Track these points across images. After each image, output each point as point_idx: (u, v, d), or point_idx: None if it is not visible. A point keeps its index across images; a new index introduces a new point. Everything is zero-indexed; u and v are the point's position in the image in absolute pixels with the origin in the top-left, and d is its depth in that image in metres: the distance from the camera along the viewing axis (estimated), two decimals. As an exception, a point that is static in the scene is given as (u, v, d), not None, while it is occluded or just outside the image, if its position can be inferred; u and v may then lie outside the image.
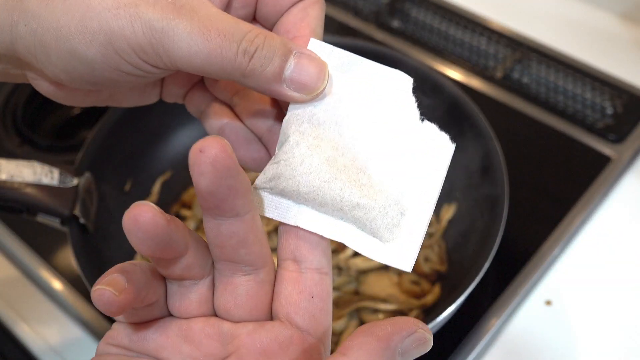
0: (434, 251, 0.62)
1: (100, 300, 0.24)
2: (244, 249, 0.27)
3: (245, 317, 0.28)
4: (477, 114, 0.60)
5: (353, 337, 0.25)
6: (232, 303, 0.28)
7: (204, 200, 0.25)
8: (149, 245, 0.24)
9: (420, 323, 0.25)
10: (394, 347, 0.24)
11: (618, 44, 0.87)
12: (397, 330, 0.25)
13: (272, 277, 0.29)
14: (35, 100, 0.84)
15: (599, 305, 0.62)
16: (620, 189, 0.71)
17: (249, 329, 0.28)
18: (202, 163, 0.23)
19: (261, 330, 0.28)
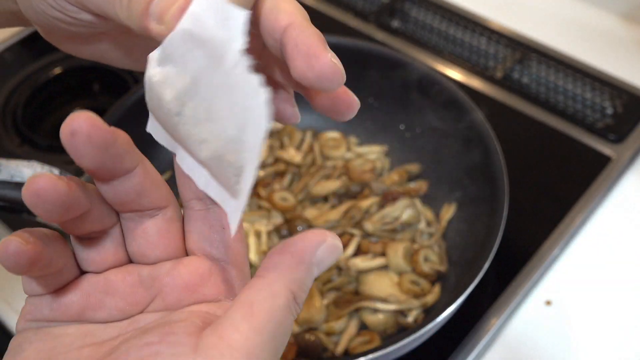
0: (434, 251, 0.62)
1: (6, 253, 0.23)
2: (145, 198, 0.27)
3: (162, 256, 0.28)
4: (477, 114, 0.60)
5: (268, 259, 0.25)
6: (145, 245, 0.28)
7: (92, 175, 0.25)
8: (56, 213, 0.24)
9: (328, 232, 0.26)
10: (309, 260, 0.25)
11: (618, 44, 0.87)
12: (308, 244, 0.25)
13: (179, 214, 0.29)
14: (35, 100, 0.84)
15: (599, 305, 0.62)
16: (620, 189, 0.71)
17: (167, 267, 0.28)
18: (78, 146, 0.23)
19: (180, 267, 0.28)
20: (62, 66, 0.87)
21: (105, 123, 0.24)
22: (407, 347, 0.51)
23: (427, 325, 0.48)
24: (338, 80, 0.27)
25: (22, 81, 0.85)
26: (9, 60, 0.91)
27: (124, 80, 0.84)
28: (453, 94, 0.62)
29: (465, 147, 0.63)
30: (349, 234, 0.64)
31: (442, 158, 0.67)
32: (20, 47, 0.92)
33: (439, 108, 0.65)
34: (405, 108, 0.69)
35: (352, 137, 0.73)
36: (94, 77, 0.87)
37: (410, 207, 0.64)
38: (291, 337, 0.57)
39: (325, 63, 0.25)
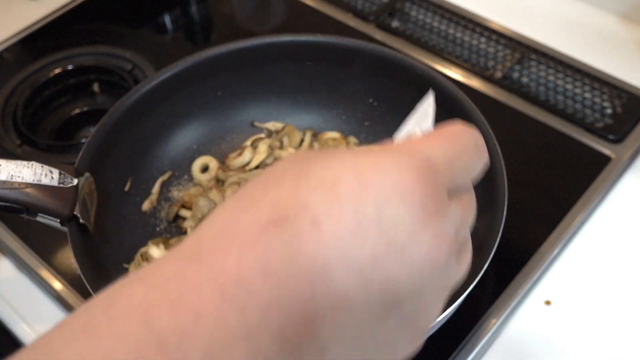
0: (434, 251, 0.62)
1: None
2: None
3: None
4: (476, 114, 0.60)
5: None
6: None
7: None
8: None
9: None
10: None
11: (618, 44, 0.87)
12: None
13: None
14: (35, 100, 0.84)
15: (599, 305, 0.62)
16: (620, 189, 0.71)
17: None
18: None
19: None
20: (62, 66, 0.87)
21: None
22: (407, 347, 0.51)
23: (426, 325, 0.48)
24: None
25: (22, 81, 0.85)
26: (9, 60, 0.91)
27: (124, 80, 0.84)
28: (453, 94, 0.62)
29: (465, 147, 0.63)
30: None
31: (442, 158, 0.67)
32: (20, 47, 0.92)
33: (438, 108, 0.65)
34: (405, 108, 0.69)
35: (352, 137, 0.73)
36: (94, 77, 0.87)
37: (410, 207, 0.64)
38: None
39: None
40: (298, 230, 0.23)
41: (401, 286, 0.24)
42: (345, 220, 0.23)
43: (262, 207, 0.24)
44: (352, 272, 0.23)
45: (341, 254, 0.23)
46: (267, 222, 0.23)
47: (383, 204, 0.24)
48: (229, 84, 0.71)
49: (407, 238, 0.24)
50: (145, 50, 0.88)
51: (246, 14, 0.99)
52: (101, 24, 0.96)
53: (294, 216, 0.23)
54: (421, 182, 0.25)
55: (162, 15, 0.96)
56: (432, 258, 0.25)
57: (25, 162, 0.51)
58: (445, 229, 0.25)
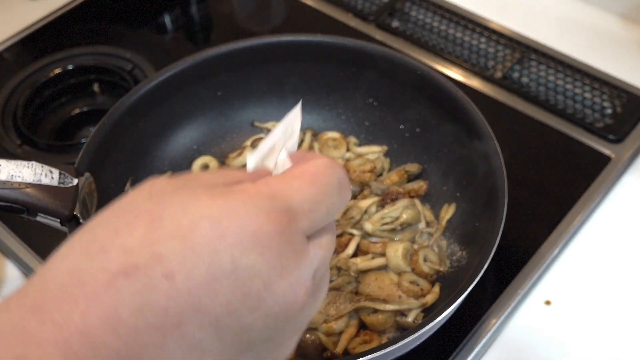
0: (434, 251, 0.63)
1: None
2: None
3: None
4: (477, 114, 0.60)
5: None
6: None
7: None
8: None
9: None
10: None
11: (618, 44, 0.87)
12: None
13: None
14: (35, 100, 0.84)
15: (598, 305, 0.62)
16: (620, 189, 0.71)
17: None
18: None
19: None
20: (62, 66, 0.87)
21: None
22: (407, 347, 0.51)
23: (426, 325, 0.48)
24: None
25: (22, 81, 0.85)
26: (9, 60, 0.91)
27: (124, 80, 0.84)
28: (453, 94, 0.62)
29: (465, 147, 0.63)
30: (348, 234, 0.64)
31: (442, 158, 0.67)
32: (20, 47, 0.92)
33: (438, 108, 0.65)
34: (405, 108, 0.69)
35: (351, 137, 0.73)
36: (94, 77, 0.87)
37: (410, 207, 0.64)
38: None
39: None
40: (150, 282, 0.22)
41: (255, 333, 0.25)
42: (200, 272, 0.23)
43: (112, 254, 0.23)
44: (205, 324, 0.23)
45: (194, 306, 0.23)
46: (116, 272, 0.22)
47: (239, 255, 0.24)
48: (229, 84, 0.71)
49: (263, 288, 0.24)
50: (145, 50, 0.88)
51: (246, 14, 0.99)
52: (101, 24, 0.96)
53: (146, 266, 0.23)
54: (279, 231, 0.25)
55: (162, 15, 0.96)
56: (288, 306, 0.25)
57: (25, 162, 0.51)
58: (302, 276, 0.26)
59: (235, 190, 0.26)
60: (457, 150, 0.65)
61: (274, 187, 0.26)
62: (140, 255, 0.23)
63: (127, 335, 0.22)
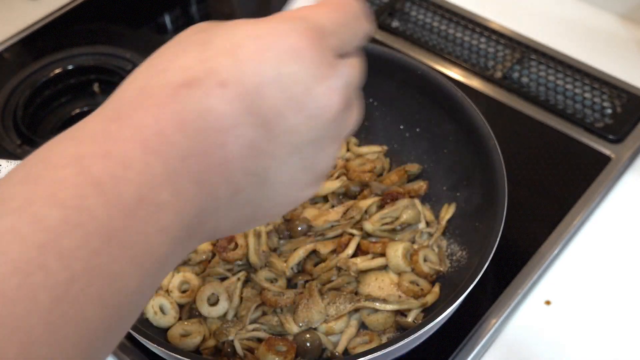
0: (434, 251, 0.63)
1: None
2: None
3: None
4: (477, 114, 0.60)
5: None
6: None
7: None
8: None
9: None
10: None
11: (618, 44, 0.87)
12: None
13: None
14: (35, 100, 0.84)
15: (598, 305, 0.62)
16: (620, 189, 0.71)
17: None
18: None
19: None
20: (62, 66, 0.87)
21: None
22: (407, 347, 0.51)
23: (426, 325, 0.48)
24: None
25: (22, 81, 0.85)
26: (9, 60, 0.91)
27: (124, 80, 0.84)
28: (452, 94, 0.62)
29: (465, 147, 0.63)
30: (348, 234, 0.64)
31: (442, 158, 0.67)
32: (20, 47, 0.92)
33: (438, 108, 0.65)
34: (405, 108, 0.69)
35: (351, 137, 0.73)
36: (94, 77, 0.87)
37: (410, 207, 0.64)
38: (291, 337, 0.57)
39: None
40: (207, 90, 0.26)
41: (300, 135, 0.29)
42: (248, 80, 0.27)
43: (174, 71, 0.27)
44: (257, 125, 0.27)
45: (246, 109, 0.27)
46: (179, 84, 0.26)
47: (281, 64, 0.27)
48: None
49: (304, 92, 0.28)
50: (145, 50, 0.88)
51: (246, 14, 0.99)
52: (101, 24, 0.96)
53: (203, 78, 0.26)
54: (313, 44, 0.28)
55: (162, 15, 0.96)
56: (326, 109, 0.29)
57: (25, 162, 0.51)
58: (337, 84, 0.29)
59: (274, 17, 0.29)
60: (457, 150, 0.65)
61: (305, 12, 0.30)
62: (197, 69, 0.27)
63: (193, 135, 0.26)
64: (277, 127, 0.28)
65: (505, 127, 0.74)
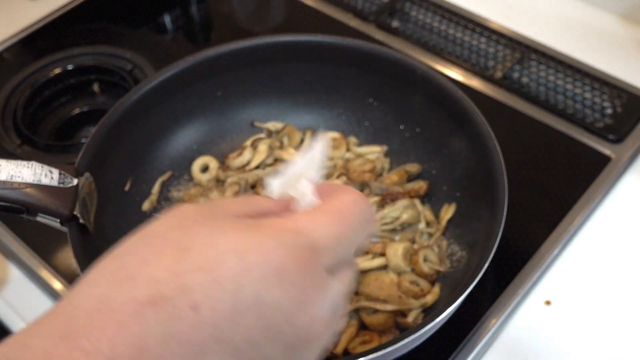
0: (434, 251, 0.62)
1: None
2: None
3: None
4: (477, 114, 0.60)
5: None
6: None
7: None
8: None
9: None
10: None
11: (618, 44, 0.87)
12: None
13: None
14: (35, 100, 0.84)
15: (599, 305, 0.62)
16: (620, 189, 0.71)
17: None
18: None
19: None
20: (62, 66, 0.87)
21: None
22: (407, 347, 0.51)
23: (426, 325, 0.48)
24: None
25: (22, 81, 0.85)
26: (9, 60, 0.91)
27: (124, 80, 0.84)
28: (453, 94, 0.62)
29: (465, 147, 0.63)
30: (348, 234, 0.64)
31: (442, 158, 0.67)
32: (20, 47, 0.92)
33: (438, 108, 0.65)
34: (406, 108, 0.69)
35: (352, 137, 0.73)
36: (94, 77, 0.87)
37: (410, 207, 0.64)
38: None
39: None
40: (176, 312, 0.23)
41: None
42: (224, 305, 0.24)
43: (140, 283, 0.24)
44: (227, 354, 0.24)
45: (217, 337, 0.24)
46: (144, 301, 0.23)
47: (262, 290, 0.25)
48: (229, 84, 0.71)
49: (284, 321, 0.25)
50: (145, 50, 0.88)
51: (246, 14, 0.99)
52: (101, 24, 0.96)
53: (172, 297, 0.23)
54: (302, 267, 0.26)
55: (162, 15, 0.96)
56: (306, 338, 0.26)
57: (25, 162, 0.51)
58: (322, 310, 0.27)
59: (262, 224, 0.27)
60: (457, 150, 0.65)
61: (300, 224, 0.27)
62: (167, 285, 0.24)
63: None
64: (247, 356, 0.25)
65: (505, 127, 0.74)
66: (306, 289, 0.26)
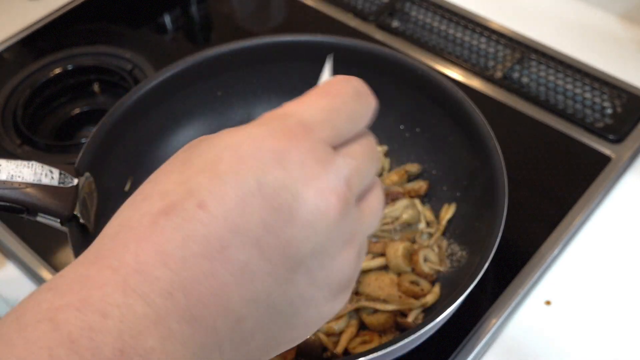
0: (434, 251, 0.63)
1: None
2: None
3: None
4: (477, 114, 0.60)
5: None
6: None
7: None
8: None
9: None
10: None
11: (618, 44, 0.87)
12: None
13: None
14: (35, 100, 0.84)
15: (599, 305, 0.62)
16: (620, 189, 0.71)
17: None
18: None
19: None
20: (62, 66, 0.87)
21: None
22: (407, 347, 0.51)
23: (426, 325, 0.48)
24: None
25: (22, 81, 0.85)
26: (9, 60, 0.91)
27: (124, 80, 0.84)
28: (453, 94, 0.62)
29: (465, 147, 0.63)
30: (348, 234, 0.64)
31: (442, 158, 0.67)
32: (20, 47, 0.92)
33: (438, 108, 0.65)
34: (405, 108, 0.69)
35: (352, 137, 0.73)
36: (94, 77, 0.87)
37: (410, 207, 0.64)
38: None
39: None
40: (186, 215, 0.24)
41: (298, 247, 0.25)
42: (229, 197, 0.25)
43: (153, 199, 0.25)
44: (247, 244, 0.24)
45: (231, 229, 0.24)
46: (157, 213, 0.25)
47: (261, 173, 0.25)
48: (229, 83, 0.71)
49: (292, 199, 0.25)
50: (145, 50, 0.88)
51: (246, 14, 0.99)
52: (101, 24, 0.96)
53: (181, 202, 0.25)
54: (296, 143, 0.26)
55: (162, 15, 0.96)
56: (322, 213, 0.26)
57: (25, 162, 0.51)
58: (331, 182, 0.26)
59: (253, 122, 0.27)
60: (457, 150, 0.65)
61: (286, 108, 0.28)
62: (175, 193, 0.25)
63: (177, 267, 0.24)
64: (269, 244, 0.25)
65: (505, 127, 0.74)
66: (306, 163, 0.26)
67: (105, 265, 0.24)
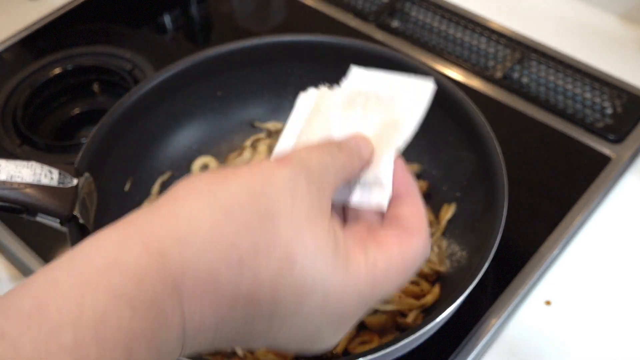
0: (434, 251, 0.62)
1: None
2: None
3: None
4: (477, 114, 0.60)
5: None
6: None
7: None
8: None
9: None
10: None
11: (618, 44, 0.87)
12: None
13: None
14: (35, 100, 0.84)
15: (599, 305, 0.62)
16: (620, 189, 0.71)
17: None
18: None
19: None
20: (62, 66, 0.87)
21: None
22: (407, 347, 0.51)
23: (426, 326, 0.48)
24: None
25: (22, 81, 0.85)
26: (9, 60, 0.91)
27: (124, 80, 0.84)
28: (453, 94, 0.62)
29: (465, 147, 0.63)
30: (348, 234, 0.64)
31: (442, 158, 0.67)
32: (20, 47, 0.92)
33: (438, 108, 0.65)
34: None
35: (352, 137, 0.72)
36: (94, 77, 0.87)
37: (410, 207, 0.64)
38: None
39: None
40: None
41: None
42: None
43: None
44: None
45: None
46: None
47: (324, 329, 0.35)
48: (229, 84, 0.71)
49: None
50: (145, 50, 0.88)
51: (246, 14, 0.99)
52: (101, 24, 0.96)
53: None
54: (359, 314, 0.34)
55: (162, 15, 0.96)
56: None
57: (25, 162, 0.51)
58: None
59: (350, 271, 0.32)
60: (457, 150, 0.65)
61: (378, 278, 0.33)
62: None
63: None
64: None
65: (505, 127, 0.74)
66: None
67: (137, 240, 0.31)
